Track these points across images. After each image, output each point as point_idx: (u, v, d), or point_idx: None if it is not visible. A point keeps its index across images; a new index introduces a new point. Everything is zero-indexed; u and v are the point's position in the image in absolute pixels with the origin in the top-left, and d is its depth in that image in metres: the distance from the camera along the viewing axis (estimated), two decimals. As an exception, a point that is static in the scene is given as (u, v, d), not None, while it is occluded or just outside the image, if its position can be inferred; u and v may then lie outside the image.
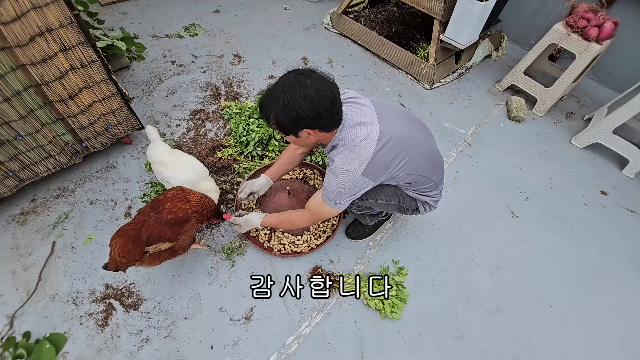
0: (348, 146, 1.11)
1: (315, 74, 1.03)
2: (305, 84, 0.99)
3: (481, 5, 2.09)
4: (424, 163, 1.25)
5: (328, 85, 1.03)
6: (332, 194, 1.18)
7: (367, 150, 1.09)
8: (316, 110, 1.01)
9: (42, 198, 1.77)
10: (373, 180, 1.15)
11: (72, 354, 1.34)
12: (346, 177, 1.12)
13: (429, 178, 1.30)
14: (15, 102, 1.38)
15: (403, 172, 1.20)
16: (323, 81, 1.02)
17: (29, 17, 1.26)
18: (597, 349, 1.51)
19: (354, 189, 1.16)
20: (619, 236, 1.90)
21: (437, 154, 1.34)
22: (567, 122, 2.52)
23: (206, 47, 2.75)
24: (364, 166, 1.09)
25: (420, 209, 1.44)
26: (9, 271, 1.53)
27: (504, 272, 1.71)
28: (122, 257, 1.22)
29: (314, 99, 0.99)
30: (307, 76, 1.01)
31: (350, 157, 1.10)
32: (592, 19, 2.10)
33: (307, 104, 0.99)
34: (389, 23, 3.05)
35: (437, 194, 1.41)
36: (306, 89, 0.99)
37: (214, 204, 1.46)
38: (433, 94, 2.61)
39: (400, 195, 1.36)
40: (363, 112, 1.15)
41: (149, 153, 1.63)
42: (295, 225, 1.42)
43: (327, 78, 1.05)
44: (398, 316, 1.50)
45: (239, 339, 1.42)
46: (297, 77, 1.01)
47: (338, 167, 1.12)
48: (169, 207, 1.29)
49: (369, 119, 1.13)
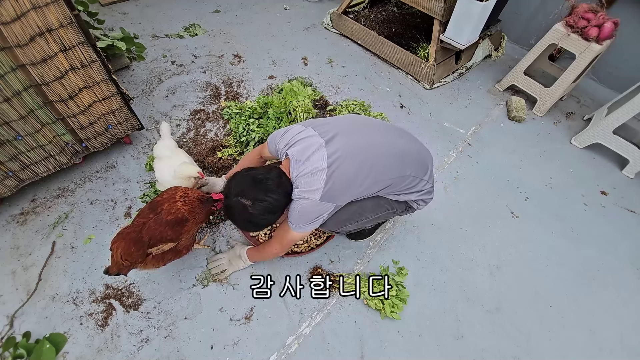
0: (302, 179, 1.16)
1: (252, 189, 1.16)
2: (245, 209, 1.15)
3: (481, 5, 2.09)
4: (389, 164, 1.22)
5: (270, 190, 1.16)
6: (294, 218, 1.22)
7: (319, 178, 1.13)
8: (271, 219, 1.21)
9: (42, 198, 1.77)
10: (334, 203, 1.17)
11: (72, 354, 1.34)
12: (304, 202, 1.16)
13: (402, 177, 1.25)
14: (15, 102, 1.38)
15: (371, 181, 1.19)
16: (265, 192, 1.15)
17: (29, 17, 1.26)
18: (597, 349, 1.51)
19: (315, 214, 1.18)
20: (619, 236, 1.90)
21: (406, 150, 1.28)
22: (567, 122, 2.52)
23: (206, 47, 2.75)
24: (320, 193, 1.13)
25: (414, 206, 1.39)
26: (9, 271, 1.53)
27: (504, 272, 1.71)
28: (125, 260, 1.21)
29: (269, 213, 1.17)
30: (242, 197, 1.15)
31: (306, 187, 1.16)
32: (592, 19, 2.10)
33: (264, 218, 1.19)
34: (389, 23, 3.05)
35: (422, 185, 1.32)
36: (256, 209, 1.15)
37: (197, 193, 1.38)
38: (433, 94, 2.61)
39: (385, 203, 1.33)
40: (307, 144, 1.18)
41: (155, 146, 1.70)
42: (270, 253, 1.44)
43: (262, 181, 1.16)
44: (398, 316, 1.50)
45: (239, 339, 1.41)
46: (239, 203, 1.15)
47: (297, 195, 1.19)
48: (167, 207, 1.29)
49: (316, 147, 1.16)
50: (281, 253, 1.43)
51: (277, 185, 1.17)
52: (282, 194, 1.18)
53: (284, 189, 1.18)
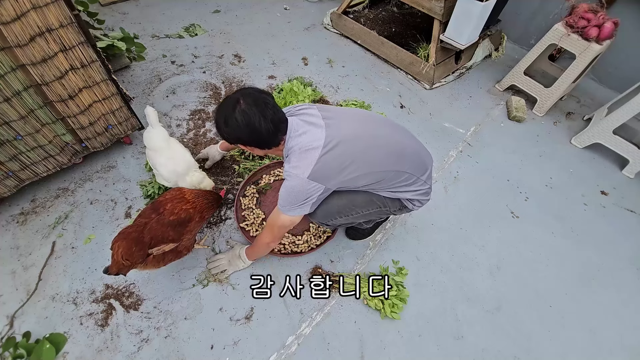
0: (296, 153, 1.15)
1: (246, 99, 1.08)
2: (234, 110, 1.08)
3: (481, 5, 2.09)
4: (386, 157, 1.21)
5: (253, 113, 1.08)
6: (283, 198, 1.19)
7: (312, 154, 1.11)
8: (237, 135, 1.12)
9: (42, 198, 1.77)
10: (323, 184, 1.15)
11: (72, 354, 1.34)
12: (294, 180, 1.14)
13: (398, 172, 1.24)
14: (15, 102, 1.38)
15: (363, 170, 1.18)
16: (257, 110, 1.08)
17: (29, 17, 1.26)
18: (597, 349, 1.51)
19: (304, 194, 1.16)
20: (619, 236, 1.90)
21: (405, 146, 1.27)
22: (567, 122, 2.52)
23: (206, 47, 2.75)
24: (310, 170, 1.11)
25: (409, 206, 1.36)
26: (9, 271, 1.53)
27: (504, 272, 1.71)
28: (126, 260, 1.21)
29: (236, 127, 1.09)
30: (237, 102, 1.08)
31: (297, 162, 1.13)
32: (592, 19, 2.10)
33: (230, 129, 1.11)
34: (389, 23, 3.05)
35: (419, 185, 1.30)
36: (233, 114, 1.08)
37: (210, 192, 1.46)
38: (433, 94, 2.61)
39: (377, 200, 1.32)
40: (310, 120, 1.18)
41: (146, 136, 1.61)
42: (263, 243, 1.39)
43: (265, 102, 1.09)
44: (398, 316, 1.50)
45: (239, 339, 1.41)
46: (231, 101, 1.10)
47: (287, 170, 1.16)
48: (170, 208, 1.29)
49: (316, 126, 1.16)
50: (274, 243, 1.38)
51: (275, 113, 1.11)
52: (275, 122, 1.11)
53: (278, 120, 1.12)
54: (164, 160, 1.59)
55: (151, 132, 1.61)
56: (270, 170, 1.92)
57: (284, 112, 1.18)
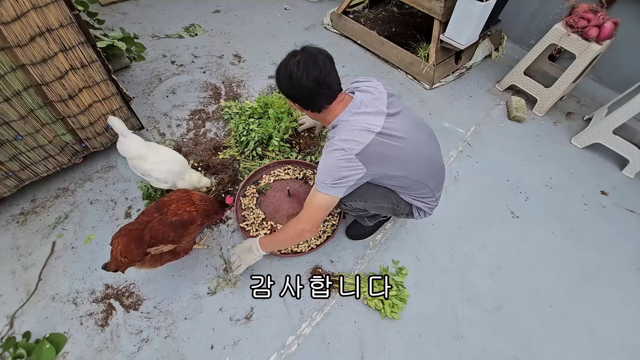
0: (349, 127, 1.12)
1: (303, 54, 1.11)
2: (290, 64, 1.11)
3: (481, 5, 2.09)
4: (421, 168, 1.24)
5: (298, 67, 1.09)
6: (323, 171, 1.14)
7: (366, 135, 1.10)
8: (281, 86, 1.16)
9: (42, 198, 1.77)
10: (365, 167, 1.12)
11: (72, 354, 1.34)
12: (339, 153, 1.11)
13: (425, 184, 1.28)
14: (15, 102, 1.38)
15: (397, 172, 1.19)
16: (304, 66, 1.09)
17: (29, 17, 1.26)
18: (597, 349, 1.51)
19: (345, 170, 1.12)
20: (619, 236, 1.90)
21: (438, 162, 1.34)
22: (567, 122, 2.52)
23: (206, 47, 2.75)
24: (360, 148, 1.09)
25: (415, 214, 1.42)
26: (9, 271, 1.53)
27: (504, 272, 1.71)
28: (124, 257, 1.21)
29: (282, 78, 1.13)
30: (293, 56, 1.11)
31: (348, 136, 1.11)
32: (592, 19, 2.10)
33: (285, 83, 1.13)
34: (389, 23, 3.05)
35: (432, 200, 1.38)
36: (283, 66, 1.12)
37: (216, 199, 1.47)
38: (433, 94, 2.61)
39: (394, 198, 1.34)
40: (374, 103, 1.16)
41: (123, 149, 1.51)
42: (296, 230, 1.28)
43: (315, 61, 1.09)
44: (398, 316, 1.50)
45: (239, 339, 1.41)
46: (289, 54, 1.13)
47: (334, 142, 1.13)
48: (174, 208, 1.29)
49: (378, 110, 1.14)
50: (309, 229, 1.26)
51: (321, 74, 1.10)
52: (318, 83, 1.10)
53: (323, 82, 1.11)
54: (152, 165, 1.54)
55: (126, 142, 1.51)
56: (270, 170, 1.92)
57: (338, 80, 1.16)
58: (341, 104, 1.19)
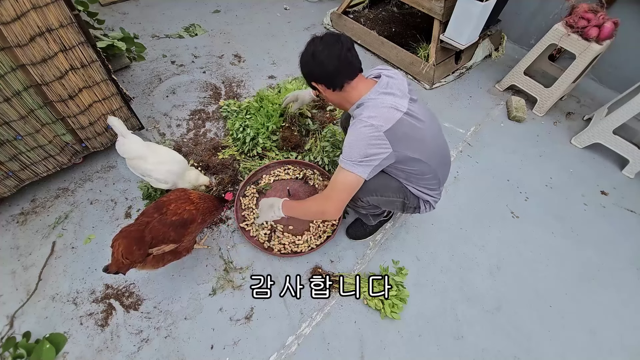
0: (377, 105, 1.15)
1: (325, 36, 1.16)
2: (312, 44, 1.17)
3: (481, 5, 2.09)
4: (436, 155, 1.30)
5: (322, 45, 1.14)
6: (349, 147, 1.13)
7: (393, 113, 1.13)
8: (305, 67, 1.21)
9: (42, 198, 1.77)
10: (391, 145, 1.12)
11: (72, 354, 1.34)
12: (369, 129, 1.10)
13: (435, 174, 1.32)
14: (15, 102, 1.38)
15: (418, 155, 1.20)
16: (326, 45, 1.14)
17: (29, 17, 1.26)
18: (597, 349, 1.51)
19: (374, 148, 1.11)
20: (619, 236, 1.90)
21: (448, 154, 1.41)
22: (567, 122, 2.52)
23: (206, 47, 2.75)
24: (389, 126, 1.11)
25: (422, 208, 1.43)
26: (9, 271, 1.53)
27: (504, 272, 1.71)
28: (125, 259, 1.21)
29: (305, 57, 1.19)
30: (315, 39, 1.17)
31: (376, 113, 1.12)
32: (592, 19, 2.10)
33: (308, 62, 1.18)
34: (389, 23, 3.05)
35: (437, 194, 1.42)
36: (307, 48, 1.18)
37: (214, 196, 1.47)
38: (433, 94, 2.61)
39: (405, 192, 1.36)
40: (399, 86, 1.20)
41: (123, 149, 1.51)
42: (318, 206, 1.28)
43: (336, 40, 1.14)
44: (398, 316, 1.49)
45: (239, 339, 1.41)
46: (311, 40, 1.19)
47: (362, 119, 1.13)
48: (173, 208, 1.29)
49: (403, 94, 1.19)
50: (331, 209, 1.23)
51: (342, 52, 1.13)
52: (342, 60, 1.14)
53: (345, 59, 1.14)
54: (152, 166, 1.54)
55: (126, 142, 1.51)
56: (270, 170, 1.92)
57: (358, 58, 1.20)
58: (365, 83, 1.22)
